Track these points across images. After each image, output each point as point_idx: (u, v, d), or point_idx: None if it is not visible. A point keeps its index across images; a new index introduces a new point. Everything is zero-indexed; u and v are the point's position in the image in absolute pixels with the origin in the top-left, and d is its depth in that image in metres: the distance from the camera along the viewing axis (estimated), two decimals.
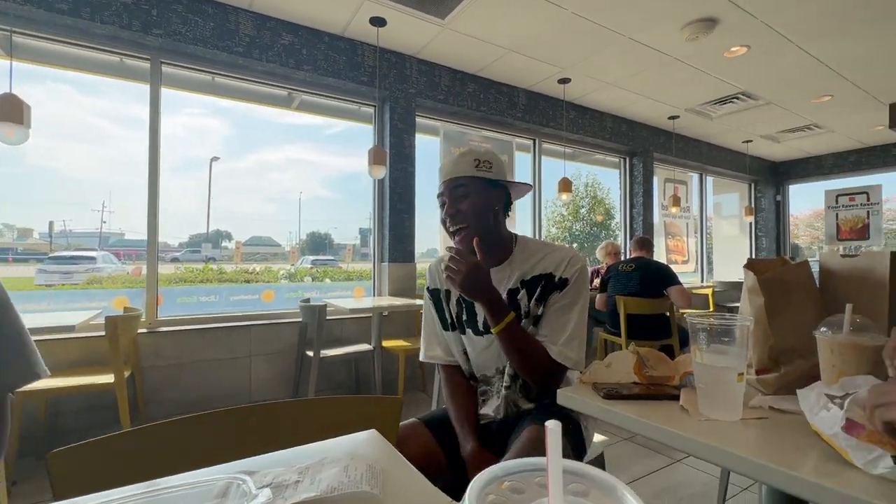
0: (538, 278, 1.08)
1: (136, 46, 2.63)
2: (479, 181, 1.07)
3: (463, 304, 1.15)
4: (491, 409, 1.10)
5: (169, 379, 2.53)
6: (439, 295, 1.19)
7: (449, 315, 1.17)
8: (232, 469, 0.55)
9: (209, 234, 3.95)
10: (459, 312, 1.15)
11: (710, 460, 0.63)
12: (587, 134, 4.50)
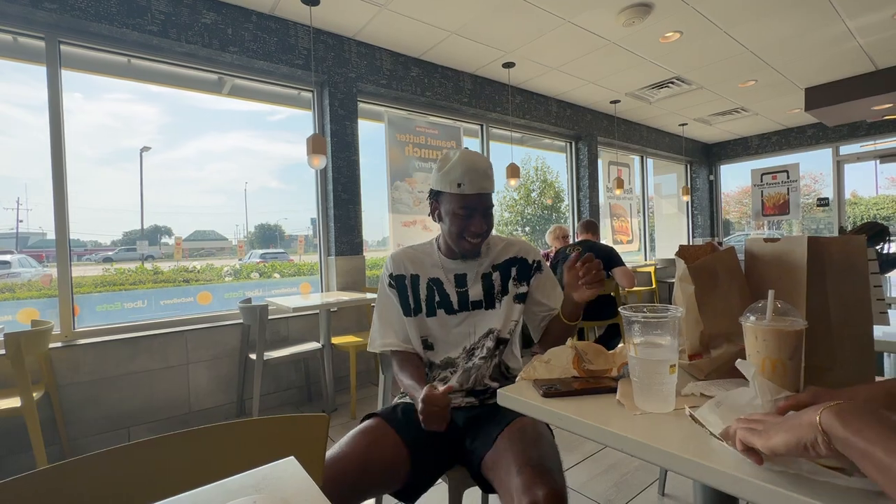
0: (509, 262, 1.22)
1: (27, 23, 2.30)
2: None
3: (434, 286, 1.20)
4: (455, 379, 1.16)
5: (92, 395, 2.30)
6: (404, 281, 1.21)
7: (414, 300, 1.20)
8: None
9: (144, 231, 3.63)
10: (430, 295, 1.19)
11: (647, 459, 0.62)
12: (533, 119, 4.53)
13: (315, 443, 0.70)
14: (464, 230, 1.14)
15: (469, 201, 1.11)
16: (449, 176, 1.11)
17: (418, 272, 1.22)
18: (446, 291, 1.19)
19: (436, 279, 1.20)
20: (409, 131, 3.78)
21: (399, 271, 1.22)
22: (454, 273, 1.21)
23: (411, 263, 1.23)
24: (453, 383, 1.14)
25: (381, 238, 4.04)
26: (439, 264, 1.22)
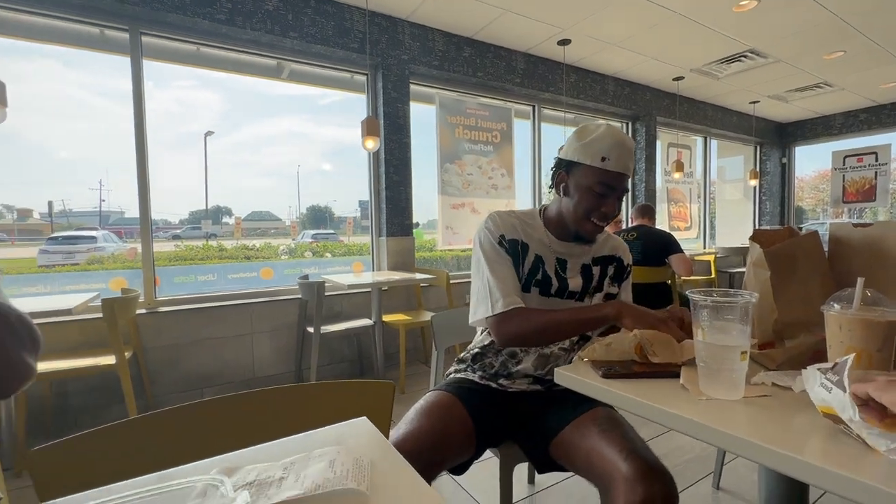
0: (608, 259, 1.18)
1: (114, 16, 2.50)
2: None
3: (539, 264, 1.12)
4: (527, 364, 1.12)
5: (172, 358, 2.55)
6: (517, 246, 1.11)
7: (520, 268, 1.12)
8: (214, 465, 0.53)
9: (208, 211, 3.90)
10: (533, 271, 1.12)
11: (711, 442, 0.61)
12: (588, 98, 4.35)
13: (382, 407, 0.75)
14: (593, 210, 1.05)
15: (610, 178, 1.03)
16: (592, 147, 1.02)
17: (527, 242, 1.12)
18: (548, 273, 1.11)
19: (540, 257, 1.12)
20: (460, 113, 3.77)
21: (512, 235, 1.11)
22: (557, 256, 1.13)
23: (522, 231, 1.13)
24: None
25: (425, 221, 4.08)
26: (546, 243, 1.13)
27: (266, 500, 0.46)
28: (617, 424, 0.97)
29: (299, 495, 0.47)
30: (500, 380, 1.15)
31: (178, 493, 0.45)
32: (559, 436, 1.01)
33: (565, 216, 1.10)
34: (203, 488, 0.45)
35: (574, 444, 0.98)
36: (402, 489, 0.50)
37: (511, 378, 1.14)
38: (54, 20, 2.44)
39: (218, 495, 0.43)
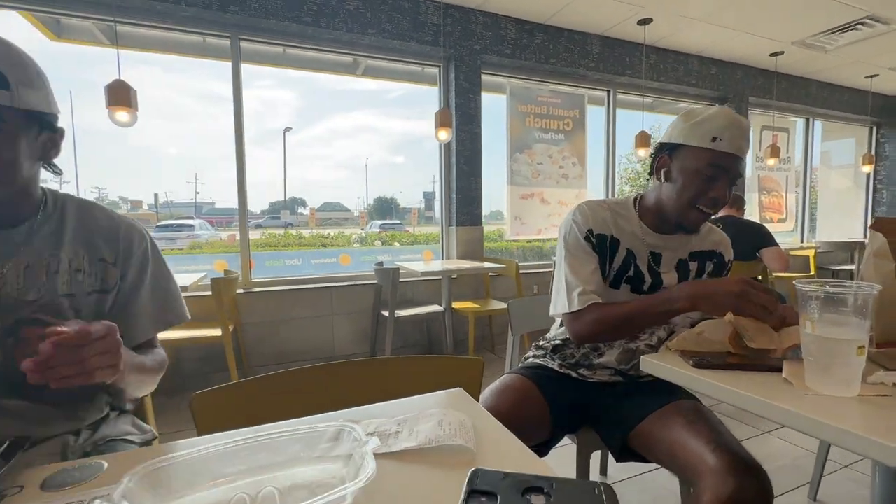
0: (708, 254, 1.11)
1: (217, 25, 2.78)
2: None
3: (631, 260, 1.07)
4: (611, 358, 1.10)
5: (264, 334, 2.83)
6: (605, 242, 1.06)
7: (609, 265, 1.07)
8: (339, 417, 0.61)
9: (286, 202, 4.21)
10: (624, 267, 1.07)
11: (819, 436, 0.59)
12: (669, 80, 4.08)
13: (472, 382, 0.80)
14: (701, 195, 0.97)
15: (722, 160, 0.95)
16: (702, 127, 0.95)
17: (618, 237, 1.07)
18: (640, 269, 1.06)
19: (631, 252, 1.06)
20: (531, 101, 3.71)
21: (601, 230, 1.06)
22: (651, 250, 1.07)
23: (613, 224, 1.07)
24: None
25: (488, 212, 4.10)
26: (640, 235, 1.07)
27: (387, 448, 0.53)
28: (703, 417, 0.94)
29: (415, 446, 0.53)
30: (580, 370, 1.15)
31: (315, 435, 0.53)
32: (640, 426, 1.01)
33: (666, 204, 1.04)
34: (335, 433, 0.53)
35: (655, 434, 0.97)
36: (504, 450, 0.54)
37: (592, 369, 1.14)
38: (166, 32, 2.76)
39: (350, 438, 0.50)
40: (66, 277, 0.73)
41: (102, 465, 0.51)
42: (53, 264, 0.72)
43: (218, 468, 0.48)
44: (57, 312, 0.71)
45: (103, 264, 0.77)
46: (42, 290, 0.70)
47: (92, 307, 0.75)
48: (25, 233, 0.71)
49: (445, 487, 0.46)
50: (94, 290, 0.76)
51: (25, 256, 0.70)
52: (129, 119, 2.19)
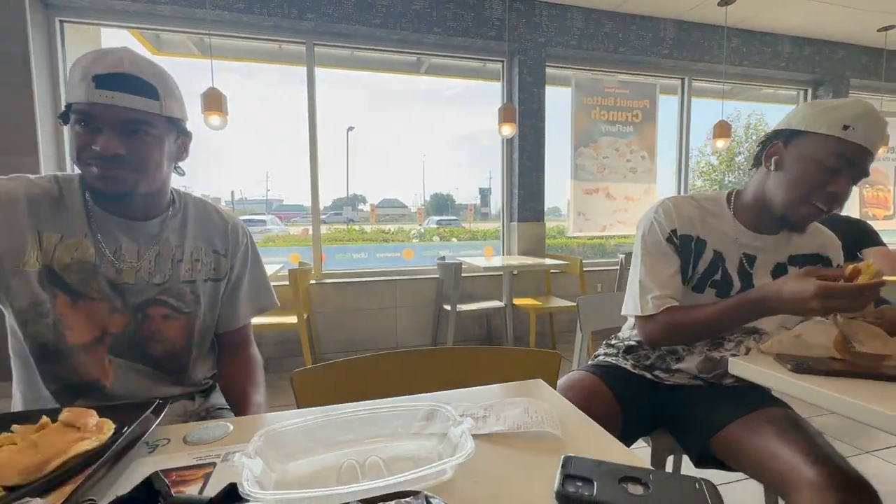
0: (811, 258, 1.01)
1: (294, 32, 2.96)
2: None
3: (718, 263, 1.00)
4: (691, 365, 1.04)
5: (333, 323, 2.99)
6: (690, 243, 0.99)
7: (693, 268, 1.00)
8: (425, 399, 0.65)
9: (349, 198, 4.39)
10: (710, 271, 1.00)
11: None
12: (755, 64, 3.75)
13: (548, 375, 0.80)
14: (817, 188, 0.87)
15: (852, 151, 0.84)
16: (832, 114, 0.85)
17: (706, 237, 0.99)
18: (728, 272, 0.98)
19: (720, 254, 0.98)
20: (597, 93, 3.58)
21: (686, 230, 0.99)
22: (745, 252, 0.98)
23: (700, 223, 1.00)
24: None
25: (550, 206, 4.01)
26: (732, 235, 0.98)
27: (477, 430, 0.55)
28: (798, 426, 0.87)
29: (504, 430, 0.55)
30: (655, 371, 1.10)
31: (408, 413, 0.57)
32: (724, 431, 0.95)
33: (772, 197, 0.93)
34: (429, 412, 0.56)
35: (742, 441, 0.91)
36: (593, 441, 0.55)
37: (669, 372, 1.08)
38: (249, 41, 2.99)
39: (444, 418, 0.53)
40: (188, 266, 0.84)
41: (229, 427, 0.58)
42: (178, 254, 0.83)
43: (328, 436, 0.53)
44: (178, 296, 0.82)
45: (217, 256, 0.88)
46: (167, 276, 0.81)
47: (208, 292, 0.86)
48: (159, 226, 0.82)
49: (537, 471, 0.48)
50: (210, 278, 0.86)
51: (157, 245, 0.81)
52: (221, 123, 2.41)
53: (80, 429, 0.52)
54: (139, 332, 0.79)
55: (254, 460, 0.44)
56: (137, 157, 0.73)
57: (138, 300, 0.78)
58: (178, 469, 0.49)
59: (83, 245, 0.75)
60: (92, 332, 0.75)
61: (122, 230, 0.78)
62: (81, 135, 0.71)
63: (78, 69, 0.71)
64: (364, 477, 0.47)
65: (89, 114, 0.70)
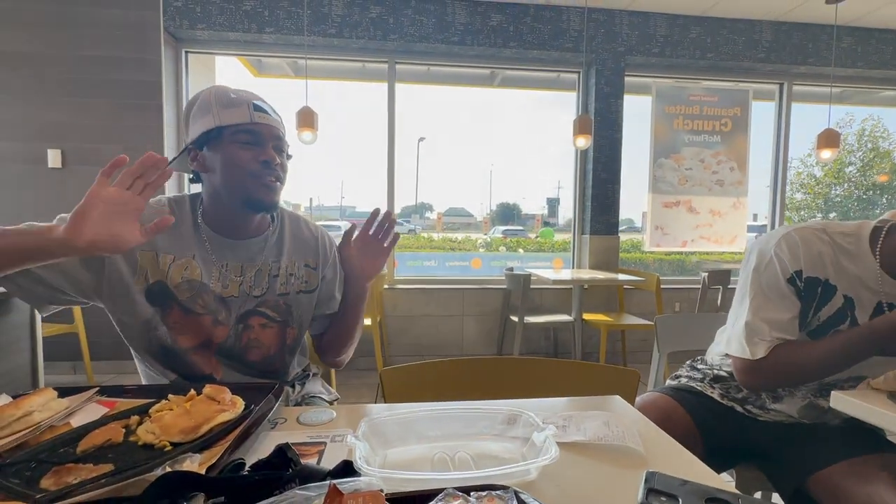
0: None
1: (378, 52, 3.17)
2: None
3: (848, 310, 0.85)
4: (791, 409, 0.96)
5: (403, 327, 3.12)
6: (817, 288, 0.85)
7: (814, 315, 0.88)
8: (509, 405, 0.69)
9: (417, 206, 4.53)
10: (839, 317, 0.86)
11: None
12: (870, 65, 3.35)
13: (627, 391, 0.80)
14: None
15: None
16: None
17: (836, 282, 0.85)
18: (858, 323, 0.84)
19: (851, 300, 0.84)
20: (681, 102, 3.41)
21: (813, 272, 0.85)
22: (888, 301, 0.83)
23: (832, 264, 0.85)
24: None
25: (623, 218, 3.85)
26: (873, 285, 0.83)
27: (558, 438, 0.58)
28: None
29: (585, 440, 0.57)
30: (747, 406, 1.02)
31: (489, 415, 0.61)
32: (826, 471, 0.87)
33: None
34: (509, 416, 0.60)
35: (846, 486, 0.83)
36: (674, 458, 0.55)
37: (764, 410, 1.00)
38: (338, 62, 3.24)
39: (527, 423, 0.57)
40: (284, 280, 0.91)
41: (333, 413, 0.66)
42: (275, 269, 0.90)
43: (420, 429, 0.59)
44: (274, 307, 0.90)
45: (308, 269, 0.95)
46: (265, 289, 0.89)
47: (300, 303, 0.94)
48: (260, 244, 0.90)
49: (619, 483, 0.50)
50: (302, 290, 0.94)
51: (258, 262, 0.89)
52: (312, 139, 2.64)
53: (219, 402, 0.62)
54: (239, 341, 0.87)
55: (362, 443, 0.51)
56: (283, 169, 0.85)
57: (240, 311, 0.87)
58: (297, 444, 0.57)
59: (192, 265, 0.83)
60: (199, 338, 0.85)
61: (228, 248, 0.87)
62: (243, 149, 0.81)
63: (216, 98, 0.81)
64: (455, 469, 0.52)
65: (253, 131, 0.81)
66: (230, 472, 0.47)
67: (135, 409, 0.62)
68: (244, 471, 0.48)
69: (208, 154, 0.83)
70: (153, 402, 0.63)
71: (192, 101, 0.85)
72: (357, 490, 0.39)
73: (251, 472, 0.46)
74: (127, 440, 0.56)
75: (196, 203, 0.89)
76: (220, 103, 0.81)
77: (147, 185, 0.67)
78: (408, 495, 0.41)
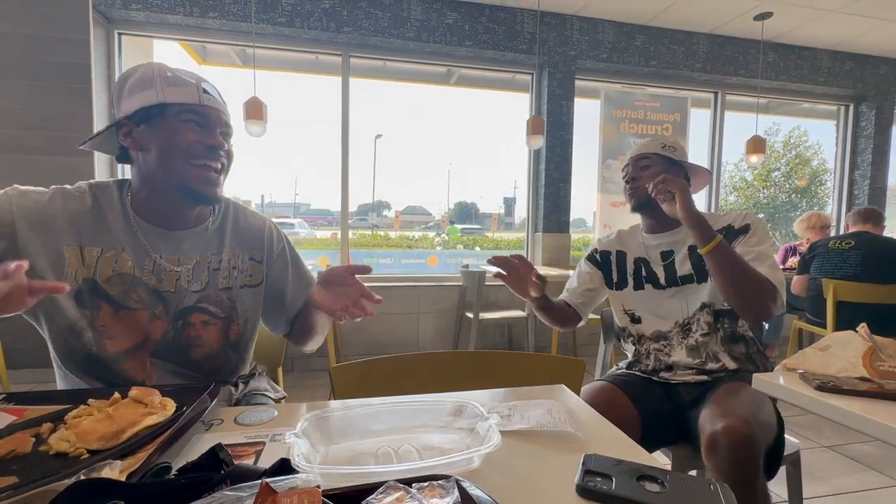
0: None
1: (332, 45, 3.09)
2: (662, 157, 1.21)
3: (642, 264, 1.22)
4: (681, 356, 1.13)
5: (358, 325, 3.06)
6: (609, 256, 1.29)
7: (618, 274, 1.26)
8: (451, 398, 0.69)
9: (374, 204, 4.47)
10: (638, 270, 1.23)
11: None
12: (792, 79, 3.67)
13: (572, 380, 0.83)
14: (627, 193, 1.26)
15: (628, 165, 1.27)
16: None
17: (625, 249, 1.27)
18: (652, 269, 1.21)
19: (642, 258, 1.23)
20: (627, 106, 3.58)
21: (607, 247, 1.30)
22: (659, 251, 1.21)
23: (618, 242, 1.30)
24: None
25: (575, 218, 4.00)
26: (642, 245, 1.24)
27: (502, 427, 0.59)
28: (731, 392, 0.95)
29: (528, 428, 0.58)
30: (660, 374, 1.16)
31: (435, 408, 0.61)
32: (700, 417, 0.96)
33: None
34: (455, 407, 0.60)
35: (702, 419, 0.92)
36: (611, 441, 0.57)
37: (671, 370, 1.14)
38: (289, 53, 3.13)
39: (472, 413, 0.57)
40: (226, 273, 0.85)
41: (275, 413, 0.64)
42: (215, 262, 0.84)
43: (365, 425, 0.57)
44: (217, 302, 0.85)
45: (253, 262, 0.90)
46: (204, 283, 0.83)
47: (246, 299, 0.88)
48: (198, 235, 0.84)
49: (559, 466, 0.51)
50: (246, 284, 0.88)
51: (195, 254, 0.83)
52: (260, 130, 2.53)
53: (146, 405, 0.58)
54: (179, 337, 0.81)
55: (301, 440, 0.49)
56: (229, 156, 0.81)
57: (179, 307, 0.81)
58: (233, 445, 0.54)
59: (122, 258, 0.77)
60: (133, 338, 0.78)
61: (162, 239, 0.81)
62: (190, 131, 0.75)
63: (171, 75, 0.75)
64: (399, 462, 0.52)
65: (201, 113, 0.76)
66: (153, 478, 0.43)
67: (47, 416, 0.57)
68: (170, 475, 0.44)
69: (145, 130, 0.76)
70: (70, 408, 0.58)
71: (128, 73, 0.77)
72: (293, 488, 0.38)
73: (177, 475, 0.43)
74: (36, 450, 0.51)
75: (124, 189, 0.81)
76: (166, 80, 0.75)
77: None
78: (347, 491, 0.40)
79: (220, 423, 0.61)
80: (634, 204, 1.22)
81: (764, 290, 1.00)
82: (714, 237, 1.01)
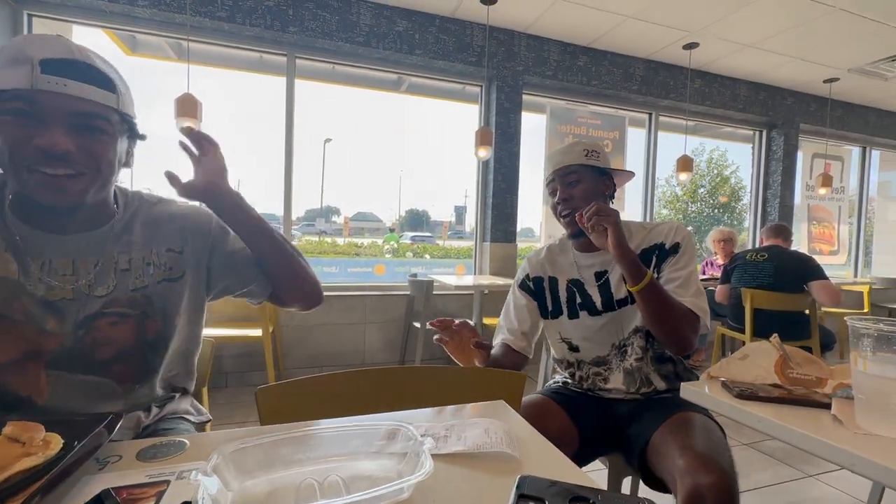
0: (649, 251, 1.12)
1: (276, 44, 2.97)
2: (590, 169, 1.14)
3: (575, 288, 1.17)
4: (617, 383, 1.12)
5: (299, 338, 2.93)
6: (542, 283, 1.22)
7: (552, 302, 1.19)
8: (392, 418, 0.65)
9: (322, 210, 4.33)
10: (571, 296, 1.17)
11: (872, 477, 0.58)
12: (715, 105, 4.01)
13: (512, 395, 0.82)
14: (554, 207, 1.19)
15: (552, 178, 1.17)
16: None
17: (556, 275, 1.20)
18: (588, 293, 1.14)
19: (575, 280, 1.17)
20: (571, 122, 3.73)
21: (537, 273, 1.23)
22: (593, 271, 1.15)
23: (549, 263, 1.22)
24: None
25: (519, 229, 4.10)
26: (574, 264, 1.18)
27: (438, 450, 0.56)
28: (687, 425, 0.94)
29: (464, 450, 0.56)
30: (597, 391, 1.17)
31: (372, 432, 0.57)
32: (650, 441, 0.98)
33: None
34: (391, 431, 0.57)
35: (657, 448, 0.95)
36: (548, 461, 0.57)
37: (606, 391, 1.15)
38: (229, 49, 2.97)
39: (406, 437, 0.54)
40: (138, 272, 0.76)
41: (185, 444, 0.57)
42: (123, 262, 0.75)
43: (288, 454, 0.53)
44: (129, 304, 0.75)
45: (171, 254, 0.80)
46: (111, 287, 0.73)
47: (165, 294, 0.79)
48: (105, 234, 0.75)
49: (494, 490, 0.50)
50: (164, 278, 0.79)
51: (96, 256, 0.73)
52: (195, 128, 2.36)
53: (24, 444, 0.50)
54: (80, 344, 0.71)
55: (210, 478, 0.43)
56: (90, 157, 0.65)
57: (81, 315, 0.71)
58: (130, 487, 0.47)
59: (5, 258, 0.67)
60: (17, 349, 0.68)
61: (48, 244, 0.70)
62: (17, 127, 0.60)
63: (10, 51, 0.61)
64: (323, 496, 0.48)
65: (33, 101, 0.60)
66: None
67: None
68: None
69: None
70: None
71: None
72: None
73: None
74: None
75: (4, 188, 0.70)
76: (4, 59, 0.61)
77: None
78: None
79: (117, 460, 0.53)
80: (571, 232, 1.16)
81: (687, 324, 1.00)
82: (644, 275, 0.98)
